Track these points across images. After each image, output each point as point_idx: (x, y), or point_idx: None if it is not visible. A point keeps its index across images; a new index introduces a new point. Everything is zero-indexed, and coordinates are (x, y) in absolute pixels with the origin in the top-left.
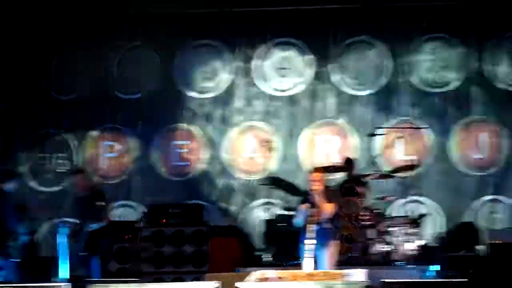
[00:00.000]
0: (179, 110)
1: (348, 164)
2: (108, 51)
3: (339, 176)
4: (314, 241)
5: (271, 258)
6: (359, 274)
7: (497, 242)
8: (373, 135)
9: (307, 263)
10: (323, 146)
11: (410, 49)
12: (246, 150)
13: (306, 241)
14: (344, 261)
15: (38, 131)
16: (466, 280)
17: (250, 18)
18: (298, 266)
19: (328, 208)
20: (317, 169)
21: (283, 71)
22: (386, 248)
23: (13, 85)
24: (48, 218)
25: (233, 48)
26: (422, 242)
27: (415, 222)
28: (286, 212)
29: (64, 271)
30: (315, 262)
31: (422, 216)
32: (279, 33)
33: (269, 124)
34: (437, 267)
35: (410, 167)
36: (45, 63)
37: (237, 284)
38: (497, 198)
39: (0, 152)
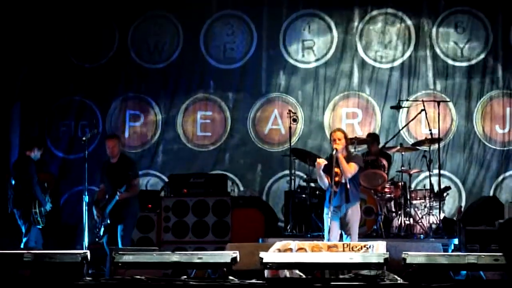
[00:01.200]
0: (204, 80)
1: (372, 139)
2: (133, 20)
3: (362, 149)
4: (337, 203)
5: (293, 230)
6: (380, 246)
7: None
8: (397, 107)
9: (332, 229)
10: (347, 118)
11: (435, 22)
12: (270, 121)
13: (330, 203)
14: (366, 234)
15: (62, 98)
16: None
17: None
18: (319, 237)
19: (350, 168)
20: (340, 129)
21: (308, 42)
22: (407, 221)
23: (37, 50)
24: (72, 185)
25: (257, 19)
26: (443, 216)
27: (437, 195)
28: (308, 184)
29: (86, 238)
30: (341, 224)
31: (444, 189)
32: (304, 5)
33: (294, 96)
34: (455, 241)
35: (433, 140)
36: (69, 30)
37: (261, 253)
38: None
39: (23, 119)
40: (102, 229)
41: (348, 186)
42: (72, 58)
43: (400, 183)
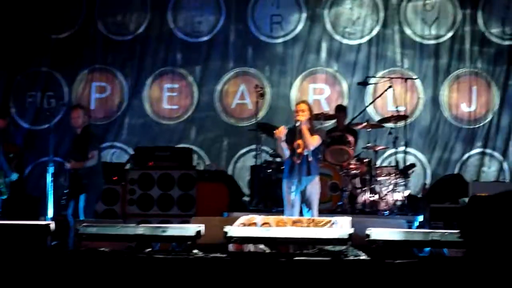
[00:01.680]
0: (171, 53)
1: (339, 111)
2: None
3: (329, 124)
4: (297, 175)
5: (258, 205)
6: (344, 222)
7: (480, 194)
8: (364, 84)
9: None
10: (315, 94)
11: None
12: (237, 96)
13: (288, 175)
14: (331, 209)
15: (28, 69)
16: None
17: None
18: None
19: (313, 140)
20: (304, 101)
21: (276, 17)
22: (372, 197)
23: (3, 21)
24: (37, 156)
25: None
26: (408, 193)
27: (403, 172)
28: (274, 159)
29: (51, 210)
30: (301, 197)
31: (409, 166)
32: None
33: (261, 71)
34: (420, 218)
35: (399, 117)
36: (36, 1)
37: (225, 228)
38: (486, 152)
39: None
40: (65, 199)
41: (310, 158)
42: (39, 29)
43: (365, 160)
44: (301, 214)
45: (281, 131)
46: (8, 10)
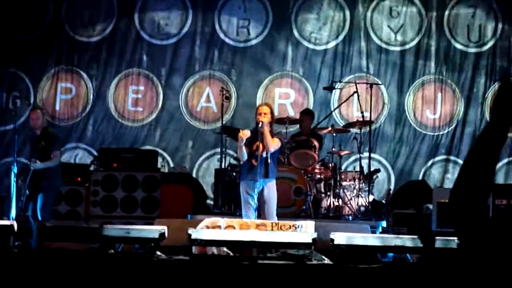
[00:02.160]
0: (137, 55)
1: (306, 115)
2: None
3: (294, 129)
4: (255, 177)
5: (222, 208)
6: (308, 226)
7: (444, 201)
8: (330, 89)
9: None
10: (280, 98)
11: (370, 5)
12: (202, 99)
13: (246, 177)
14: (295, 213)
15: None
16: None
17: None
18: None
19: (274, 143)
20: (266, 103)
21: (245, 21)
22: (336, 202)
23: None
24: (2, 157)
25: None
26: (372, 198)
27: (367, 177)
28: (238, 162)
29: (14, 210)
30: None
31: (374, 172)
32: None
33: (227, 74)
34: (383, 223)
35: (364, 123)
36: (1, 1)
37: (189, 230)
38: (450, 158)
39: None
40: (24, 200)
41: (269, 161)
42: (5, 29)
43: (330, 164)
44: (258, 216)
45: (245, 134)
46: None
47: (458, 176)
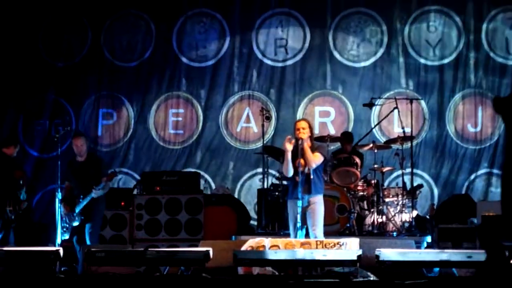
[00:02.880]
0: (176, 78)
1: (345, 137)
2: (106, 19)
3: (335, 147)
4: (299, 194)
5: (266, 228)
6: (353, 244)
7: (489, 214)
8: (370, 105)
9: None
10: (320, 117)
11: (407, 20)
12: (242, 119)
13: (292, 195)
14: (339, 231)
15: (36, 97)
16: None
17: None
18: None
19: (315, 158)
20: (304, 118)
21: (282, 41)
22: (380, 218)
23: (10, 49)
24: (47, 184)
25: (229, 18)
26: (416, 214)
27: (410, 193)
28: (281, 182)
29: (59, 236)
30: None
31: (417, 187)
32: (278, 4)
33: (266, 94)
34: (428, 238)
35: (405, 138)
36: (42, 29)
37: (234, 250)
38: (492, 172)
39: None
40: (70, 228)
41: (312, 176)
42: (45, 57)
43: (372, 181)
44: (306, 234)
45: (287, 140)
46: (15, 37)
47: (502, 192)
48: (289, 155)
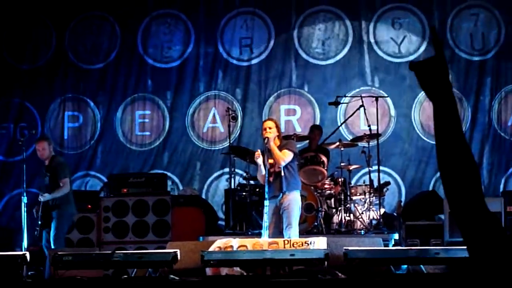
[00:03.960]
0: (142, 79)
1: (315, 130)
2: (69, 21)
3: (301, 145)
4: (272, 194)
5: (234, 228)
6: (320, 242)
7: None
8: (336, 104)
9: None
10: (286, 115)
11: (372, 18)
12: (209, 120)
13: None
14: (307, 230)
15: (0, 100)
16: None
17: None
18: (260, 235)
19: (284, 155)
20: (270, 118)
21: (245, 40)
22: (348, 217)
23: None
24: (13, 188)
25: (194, 18)
26: (384, 211)
27: (377, 191)
28: (248, 182)
29: (26, 240)
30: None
31: (384, 184)
32: (243, 3)
33: (232, 94)
34: (396, 236)
35: (372, 136)
36: (3, 32)
37: (202, 252)
38: None
39: None
40: (38, 230)
41: (283, 174)
42: (9, 60)
43: (339, 179)
44: (281, 232)
45: (259, 155)
46: None
47: (443, 180)
48: (261, 166)
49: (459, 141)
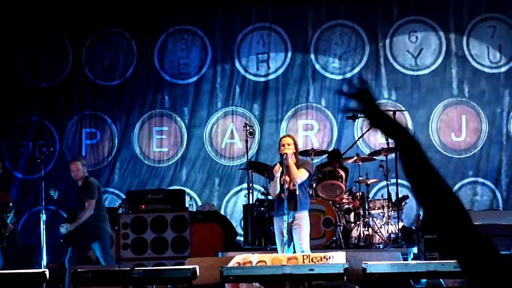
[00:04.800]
0: (159, 95)
1: (334, 156)
2: (86, 38)
3: (319, 160)
4: (285, 211)
5: (252, 243)
6: (339, 257)
7: (475, 224)
8: (353, 118)
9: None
10: (304, 130)
11: (388, 32)
12: (227, 135)
13: (278, 212)
14: (326, 245)
15: (18, 119)
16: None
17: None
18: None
19: (300, 174)
20: (289, 134)
21: (262, 56)
22: (366, 231)
23: None
24: (32, 206)
25: (210, 34)
26: (402, 225)
27: (395, 204)
28: (266, 197)
29: (45, 257)
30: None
31: (402, 198)
32: (259, 19)
33: (249, 110)
34: (414, 249)
35: (389, 149)
36: (20, 50)
37: (221, 267)
38: (477, 180)
39: None
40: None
41: (297, 192)
42: (28, 78)
43: (358, 194)
44: (294, 250)
45: (278, 168)
46: None
47: (423, 208)
48: (278, 179)
49: (430, 175)
